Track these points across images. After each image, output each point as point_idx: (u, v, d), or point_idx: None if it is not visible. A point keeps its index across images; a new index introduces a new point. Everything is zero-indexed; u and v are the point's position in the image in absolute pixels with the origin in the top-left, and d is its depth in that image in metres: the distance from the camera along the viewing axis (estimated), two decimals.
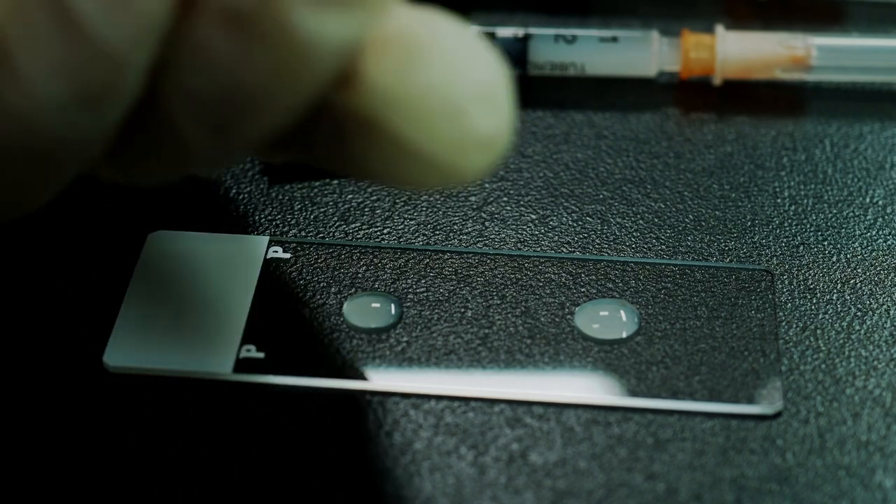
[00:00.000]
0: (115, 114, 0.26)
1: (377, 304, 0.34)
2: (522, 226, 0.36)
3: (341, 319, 0.33)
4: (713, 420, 0.31)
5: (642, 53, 0.40)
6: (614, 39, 0.40)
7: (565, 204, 0.37)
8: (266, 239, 0.35)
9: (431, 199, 0.37)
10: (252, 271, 0.34)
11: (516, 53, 0.40)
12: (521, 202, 0.37)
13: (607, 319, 0.33)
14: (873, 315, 0.34)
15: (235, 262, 0.34)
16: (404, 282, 0.34)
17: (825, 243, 0.36)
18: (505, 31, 0.40)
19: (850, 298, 0.34)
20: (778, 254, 0.35)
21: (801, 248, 0.35)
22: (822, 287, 0.34)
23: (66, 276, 0.34)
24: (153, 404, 0.32)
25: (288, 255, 0.35)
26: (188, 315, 0.33)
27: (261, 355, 0.32)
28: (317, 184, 0.37)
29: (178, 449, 0.31)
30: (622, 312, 0.34)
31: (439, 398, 0.32)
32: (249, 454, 0.31)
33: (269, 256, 0.35)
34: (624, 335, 0.33)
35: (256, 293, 0.34)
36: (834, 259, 0.35)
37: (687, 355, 0.33)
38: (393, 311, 0.34)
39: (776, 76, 0.40)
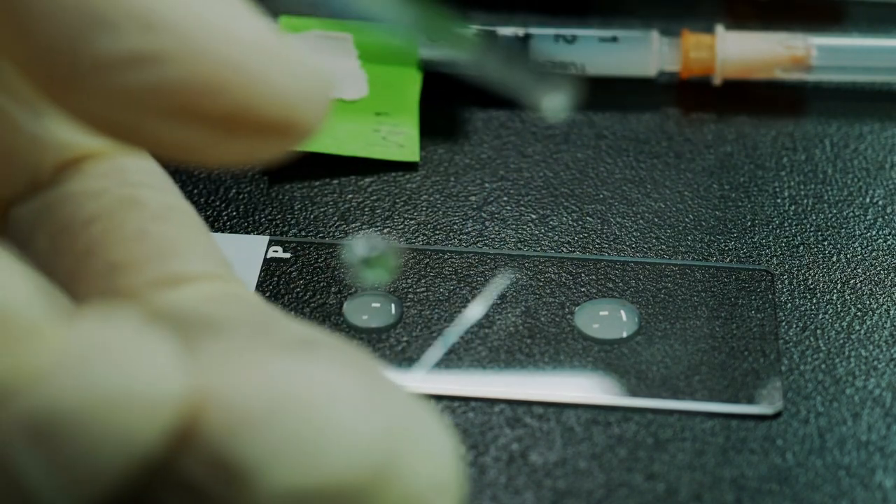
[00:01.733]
0: None
1: (377, 304, 0.34)
2: (522, 226, 0.36)
3: (341, 319, 0.33)
4: (713, 420, 0.31)
5: (642, 53, 0.40)
6: (614, 39, 0.40)
7: (565, 204, 0.37)
8: (266, 239, 0.35)
9: (431, 199, 0.37)
10: (252, 271, 0.34)
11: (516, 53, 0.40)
12: (521, 202, 0.37)
13: (607, 319, 0.33)
14: (873, 315, 0.34)
15: (235, 262, 0.34)
16: (404, 281, 0.34)
17: (825, 243, 0.36)
18: (505, 31, 0.40)
19: (850, 298, 0.34)
20: (778, 254, 0.35)
21: (801, 248, 0.35)
22: (822, 287, 0.34)
23: None
24: None
25: (288, 255, 0.35)
26: None
27: None
28: (317, 184, 0.37)
29: None
30: (622, 312, 0.34)
31: (439, 398, 0.32)
32: None
33: (269, 256, 0.35)
34: (624, 335, 0.33)
35: (256, 293, 0.34)
36: (834, 259, 0.35)
37: (687, 355, 0.33)
38: (393, 310, 0.34)
39: (776, 76, 0.40)
